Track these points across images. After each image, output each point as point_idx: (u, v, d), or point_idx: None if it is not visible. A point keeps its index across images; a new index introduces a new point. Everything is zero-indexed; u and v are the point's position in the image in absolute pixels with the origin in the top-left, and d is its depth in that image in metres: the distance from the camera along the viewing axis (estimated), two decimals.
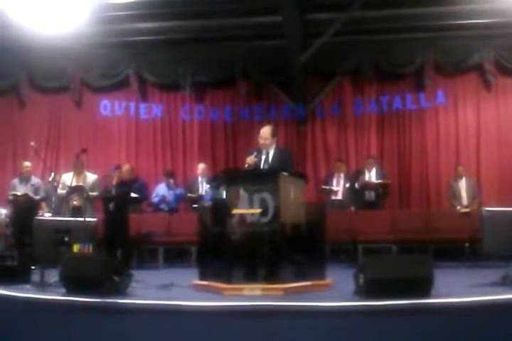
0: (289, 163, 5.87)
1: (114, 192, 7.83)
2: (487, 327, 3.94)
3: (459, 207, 8.67)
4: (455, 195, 8.83)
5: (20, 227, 7.94)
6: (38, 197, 8.39)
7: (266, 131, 5.85)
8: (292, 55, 9.01)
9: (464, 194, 8.78)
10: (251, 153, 5.80)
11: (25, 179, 8.46)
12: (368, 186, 8.93)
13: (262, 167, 5.71)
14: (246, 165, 5.70)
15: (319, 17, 8.96)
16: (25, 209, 8.08)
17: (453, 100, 9.97)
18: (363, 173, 9.08)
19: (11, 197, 8.33)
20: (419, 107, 9.99)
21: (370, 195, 8.96)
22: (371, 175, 9.05)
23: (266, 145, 5.79)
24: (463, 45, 9.63)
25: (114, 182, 7.92)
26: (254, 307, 4.21)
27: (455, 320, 3.98)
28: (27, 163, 8.57)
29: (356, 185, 8.94)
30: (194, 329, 4.08)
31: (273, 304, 4.27)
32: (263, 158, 5.76)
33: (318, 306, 4.20)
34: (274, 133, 5.88)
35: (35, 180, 8.56)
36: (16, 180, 8.50)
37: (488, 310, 4.13)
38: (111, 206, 7.71)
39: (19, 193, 8.22)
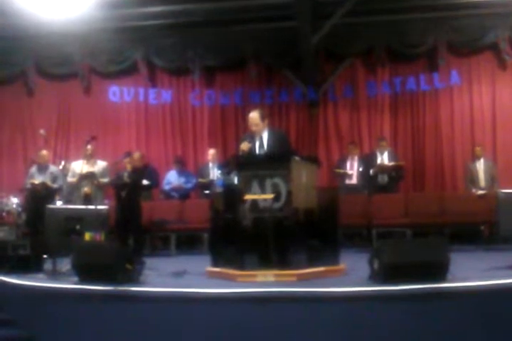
0: (287, 145, 5.73)
1: (126, 179, 7.78)
2: (504, 311, 3.88)
3: (474, 190, 8.49)
4: (472, 178, 8.63)
5: (34, 216, 7.92)
6: (55, 186, 8.37)
7: (254, 116, 5.62)
8: (303, 36, 8.85)
9: (481, 175, 8.57)
10: (244, 139, 5.65)
11: (43, 167, 8.44)
12: (381, 169, 8.75)
13: (257, 152, 5.56)
14: (240, 153, 5.54)
15: None
16: (41, 198, 8.06)
17: (467, 80, 9.80)
18: (375, 156, 8.92)
19: (28, 186, 8.31)
20: (433, 88, 9.82)
21: (382, 179, 8.77)
22: (383, 158, 8.89)
23: (258, 131, 5.61)
24: (476, 23, 9.42)
25: (128, 169, 7.86)
26: (267, 293, 4.16)
27: (471, 304, 3.92)
28: (44, 152, 8.54)
29: (371, 172, 8.74)
30: (208, 317, 4.05)
31: (287, 290, 4.22)
32: (257, 143, 5.61)
33: (332, 292, 4.14)
34: (263, 116, 5.65)
35: (53, 168, 8.53)
36: (34, 169, 8.47)
37: (505, 294, 4.05)
38: (123, 193, 7.68)
39: (37, 181, 8.20)
